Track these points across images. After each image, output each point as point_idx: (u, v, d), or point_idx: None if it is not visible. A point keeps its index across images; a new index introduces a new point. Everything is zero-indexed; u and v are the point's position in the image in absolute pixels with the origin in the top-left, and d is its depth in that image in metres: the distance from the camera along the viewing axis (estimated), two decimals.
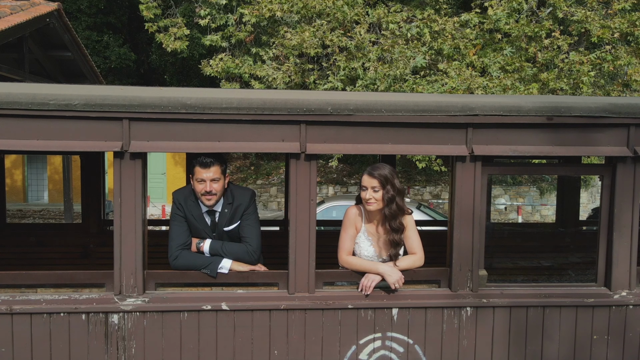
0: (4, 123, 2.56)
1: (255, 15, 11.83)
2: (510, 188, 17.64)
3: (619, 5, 11.10)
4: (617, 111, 2.79)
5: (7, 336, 2.64)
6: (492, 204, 17.14)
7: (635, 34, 11.28)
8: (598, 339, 2.89)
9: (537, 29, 11.28)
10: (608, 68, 11.32)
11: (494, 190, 17.51)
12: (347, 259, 2.89)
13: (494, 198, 17.35)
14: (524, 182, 17.98)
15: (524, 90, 11.21)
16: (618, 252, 2.86)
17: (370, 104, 2.73)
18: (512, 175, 17.33)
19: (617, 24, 11.11)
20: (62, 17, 10.81)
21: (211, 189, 2.80)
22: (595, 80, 11.93)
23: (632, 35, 11.40)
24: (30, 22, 9.37)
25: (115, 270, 2.70)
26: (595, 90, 11.90)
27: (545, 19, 11.47)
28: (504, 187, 17.72)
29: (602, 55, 11.34)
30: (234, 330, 2.76)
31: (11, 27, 8.65)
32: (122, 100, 2.62)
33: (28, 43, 10.21)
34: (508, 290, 2.88)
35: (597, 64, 11.41)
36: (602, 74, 11.61)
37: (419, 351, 2.84)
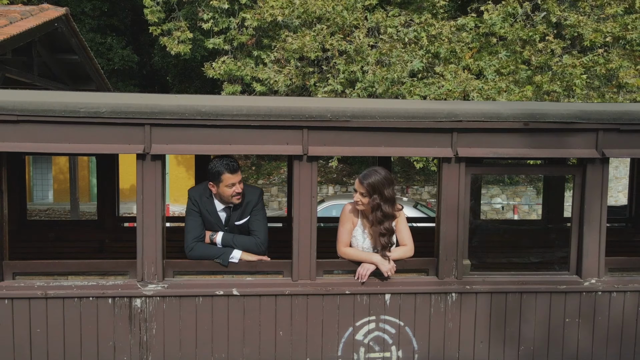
0: (41, 128, 2.88)
1: (257, 19, 12.15)
2: (507, 188, 17.93)
3: (612, 10, 11.42)
4: (587, 117, 3.12)
5: (42, 318, 2.97)
6: (489, 203, 17.47)
7: (627, 37, 11.60)
8: (570, 322, 3.22)
9: (532, 32, 11.60)
10: (600, 71, 11.64)
11: (492, 190, 17.83)
12: (345, 250, 3.22)
13: (490, 197, 17.67)
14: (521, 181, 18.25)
15: (519, 92, 11.53)
16: (588, 244, 3.19)
17: (365, 111, 3.06)
18: (510, 176, 17.64)
19: (609, 27, 11.42)
20: (70, 22, 11.13)
21: (240, 190, 3.14)
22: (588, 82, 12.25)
23: (624, 38, 11.72)
24: (40, 27, 9.69)
25: (138, 259, 3.02)
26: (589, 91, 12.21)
27: (539, 22, 11.78)
28: (502, 187, 18.00)
29: (595, 59, 11.65)
30: (243, 313, 3.09)
31: (22, 32, 8.97)
32: (144, 108, 2.95)
33: (37, 47, 10.53)
34: (489, 278, 3.21)
35: (590, 67, 11.73)
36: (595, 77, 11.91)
37: (409, 332, 3.17)
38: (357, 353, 3.16)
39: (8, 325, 2.95)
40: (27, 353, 2.98)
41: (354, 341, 3.15)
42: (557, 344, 3.23)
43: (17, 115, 2.85)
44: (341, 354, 3.15)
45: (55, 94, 3.19)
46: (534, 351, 3.22)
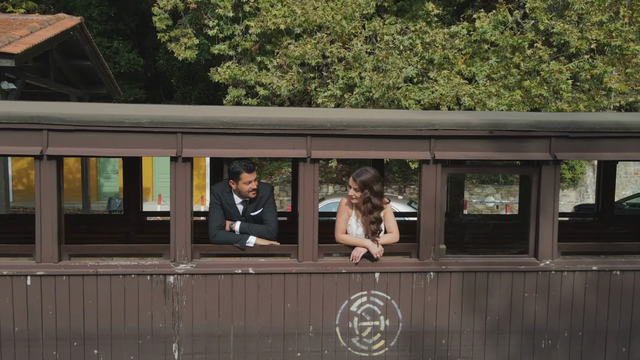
0: (93, 136, 3.54)
1: (260, 27, 12.80)
2: (501, 187, 18.57)
3: (596, 18, 12.06)
4: (541, 126, 3.77)
5: (93, 291, 3.62)
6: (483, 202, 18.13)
7: (611, 44, 12.25)
8: (528, 296, 3.87)
9: (521, 39, 12.25)
10: (585, 76, 12.30)
11: (487, 189, 18.50)
12: (342, 237, 3.87)
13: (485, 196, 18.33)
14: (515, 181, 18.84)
15: (509, 96, 12.19)
16: (543, 231, 3.84)
17: (359, 121, 3.71)
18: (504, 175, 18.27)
19: (594, 35, 12.07)
20: (84, 30, 11.80)
21: (255, 187, 3.80)
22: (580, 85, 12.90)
23: (608, 45, 12.36)
24: (58, 36, 10.35)
25: (171, 244, 3.67)
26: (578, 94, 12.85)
27: (528, 30, 12.43)
28: (496, 187, 18.64)
29: (581, 65, 12.31)
30: (257, 288, 3.74)
31: (42, 41, 9.62)
32: (176, 119, 3.60)
33: (53, 54, 11.19)
34: (461, 260, 3.86)
35: (576, 73, 12.39)
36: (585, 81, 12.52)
37: (394, 304, 3.82)
38: (351, 322, 3.81)
39: (65, 297, 3.61)
40: (81, 320, 3.63)
41: (349, 312, 3.80)
42: (518, 315, 3.88)
43: (75, 126, 3.51)
44: (338, 322, 3.81)
45: (104, 107, 3.83)
46: (499, 321, 3.87)
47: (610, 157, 3.91)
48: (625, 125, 3.80)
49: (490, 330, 3.88)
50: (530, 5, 12.02)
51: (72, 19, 11.44)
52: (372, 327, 3.83)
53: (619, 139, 3.83)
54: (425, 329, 3.84)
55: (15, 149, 3.55)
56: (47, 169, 3.53)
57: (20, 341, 3.60)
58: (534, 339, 3.90)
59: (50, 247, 3.58)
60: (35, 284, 3.58)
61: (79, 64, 12.50)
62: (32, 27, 10.08)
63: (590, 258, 3.93)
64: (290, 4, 12.03)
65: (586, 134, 3.80)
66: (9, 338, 3.60)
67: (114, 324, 3.66)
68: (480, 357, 3.90)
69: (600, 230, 5.71)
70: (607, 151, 3.85)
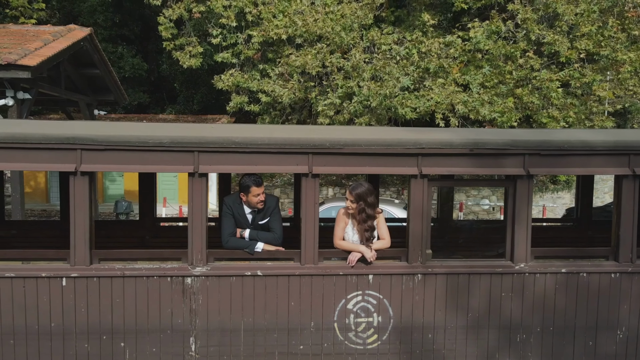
0: (121, 154, 4.03)
1: (262, 36, 13.30)
2: (497, 190, 19.04)
3: (586, 29, 12.55)
4: (516, 145, 4.26)
5: (120, 291, 4.11)
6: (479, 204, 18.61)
7: (600, 53, 12.74)
8: (505, 295, 4.36)
9: (513, 49, 12.75)
10: (575, 84, 12.79)
11: (482, 191, 18.98)
12: (339, 243, 4.36)
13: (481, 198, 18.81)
14: None
15: (502, 103, 12.69)
16: (518, 237, 4.33)
17: (354, 140, 4.20)
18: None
19: (583, 45, 12.57)
20: (93, 40, 12.29)
21: (263, 199, 4.29)
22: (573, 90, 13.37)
23: (597, 54, 12.86)
24: (69, 47, 10.83)
25: (188, 249, 4.16)
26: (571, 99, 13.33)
27: (520, 40, 12.92)
28: (492, 189, 19.12)
29: (571, 73, 12.81)
30: (265, 288, 4.23)
31: (56, 53, 10.11)
32: (193, 139, 4.09)
33: (64, 63, 11.67)
34: (445, 263, 4.35)
35: (566, 81, 12.88)
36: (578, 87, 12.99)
37: (386, 303, 4.31)
38: (348, 318, 4.30)
39: (96, 296, 4.09)
40: (109, 317, 4.12)
41: (345, 309, 4.29)
42: (496, 312, 4.36)
43: (105, 145, 4.00)
44: (336, 319, 4.29)
45: (130, 128, 4.31)
46: (479, 317, 4.36)
47: (577, 172, 4.40)
48: (590, 144, 4.30)
49: (471, 326, 4.37)
50: (522, 16, 12.52)
51: (82, 29, 11.93)
52: (366, 323, 4.31)
53: (584, 156, 4.32)
54: (414, 324, 4.33)
55: (53, 166, 4.05)
56: (81, 183, 4.02)
57: (57, 335, 4.09)
58: (510, 333, 4.38)
59: (83, 252, 4.07)
60: (70, 284, 4.07)
61: (88, 72, 12.97)
62: (46, 39, 10.57)
63: (560, 262, 4.42)
64: (292, 15, 12.53)
65: (556, 151, 4.29)
66: (47, 332, 4.09)
67: (138, 320, 4.15)
68: (463, 350, 4.39)
69: (578, 234, 6.20)
70: (575, 167, 4.34)
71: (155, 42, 23.85)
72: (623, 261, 4.39)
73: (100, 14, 21.50)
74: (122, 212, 15.75)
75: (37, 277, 4.05)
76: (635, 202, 4.35)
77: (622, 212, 4.36)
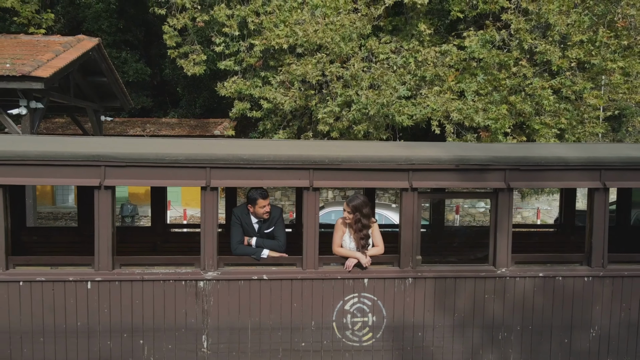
0: (140, 170, 4.47)
1: (264, 44, 13.73)
2: None
3: (577, 38, 12.98)
4: (498, 161, 4.70)
5: (140, 293, 4.55)
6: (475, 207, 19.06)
7: (591, 62, 13.18)
8: (488, 297, 4.80)
9: (506, 57, 13.18)
10: (566, 92, 13.22)
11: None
12: (337, 250, 4.80)
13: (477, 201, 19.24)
14: None
15: (496, 110, 13.12)
16: (500, 245, 4.77)
17: (351, 157, 4.64)
18: None
19: (574, 54, 13.00)
20: (101, 49, 12.74)
21: (268, 210, 4.74)
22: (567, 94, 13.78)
23: (588, 63, 13.29)
24: (79, 57, 11.28)
25: (201, 255, 4.60)
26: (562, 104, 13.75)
27: (514, 48, 13.35)
28: None
29: (562, 81, 13.24)
30: (270, 291, 4.67)
31: (67, 64, 10.55)
32: (206, 157, 4.53)
33: (73, 72, 12.10)
34: (434, 268, 4.79)
35: (558, 89, 13.31)
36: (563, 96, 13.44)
37: (380, 304, 4.75)
38: (345, 318, 4.74)
39: (117, 298, 4.54)
40: (130, 317, 4.56)
41: (343, 310, 4.73)
42: (480, 313, 4.80)
43: (126, 162, 4.44)
44: (335, 318, 4.73)
45: (149, 146, 4.74)
46: (464, 317, 4.80)
47: (553, 186, 4.84)
48: (565, 159, 4.74)
49: (457, 325, 4.81)
50: (515, 26, 12.95)
51: (91, 40, 12.37)
52: (362, 322, 4.75)
53: (560, 170, 4.76)
54: (405, 323, 4.77)
55: (79, 181, 4.49)
56: (104, 197, 4.46)
57: (82, 333, 4.53)
58: (493, 332, 4.83)
59: (106, 258, 4.51)
60: (94, 287, 4.51)
61: (96, 80, 13.43)
62: (57, 50, 11.01)
63: (538, 266, 4.86)
64: (292, 24, 12.96)
65: (534, 167, 4.74)
66: (73, 331, 4.53)
67: (155, 319, 4.59)
68: (450, 347, 4.83)
69: (561, 239, 6.64)
70: (551, 180, 4.79)
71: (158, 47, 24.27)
72: (595, 266, 4.83)
73: (105, 20, 21.93)
74: (127, 215, 16.22)
75: (64, 281, 4.49)
76: (606, 213, 4.79)
77: (594, 222, 4.81)
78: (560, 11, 12.95)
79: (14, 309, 4.47)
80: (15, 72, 9.55)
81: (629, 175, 4.83)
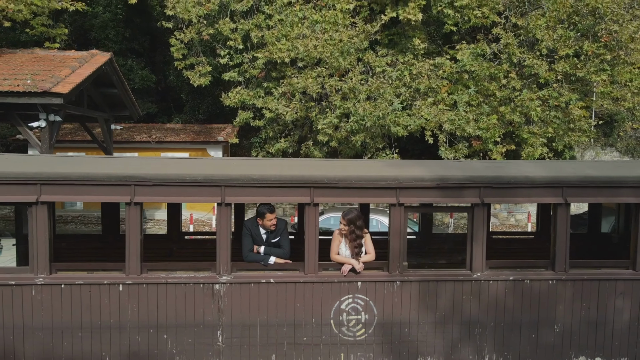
0: (165, 189, 5.19)
1: (266, 57, 14.46)
2: None
3: (564, 52, 13.71)
4: (473, 180, 5.43)
5: (164, 294, 5.28)
6: None
7: (577, 74, 13.91)
8: (465, 298, 5.53)
9: (497, 70, 13.91)
10: (553, 103, 13.95)
11: None
12: (335, 257, 5.53)
13: None
14: None
15: (486, 120, 13.86)
16: (476, 251, 5.50)
17: (346, 177, 5.36)
18: None
19: (561, 67, 13.74)
20: (113, 63, 13.46)
21: (275, 222, 5.47)
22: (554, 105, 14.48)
23: (574, 75, 14.02)
24: (94, 72, 12.01)
25: (217, 262, 5.33)
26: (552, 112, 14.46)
27: (504, 62, 14.09)
28: None
29: (550, 93, 13.97)
30: (276, 293, 5.39)
31: (83, 80, 11.29)
32: (221, 177, 5.26)
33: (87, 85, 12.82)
34: (418, 272, 5.52)
35: (545, 100, 14.05)
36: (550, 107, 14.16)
37: (372, 304, 5.47)
38: (341, 316, 5.47)
39: (145, 299, 5.26)
40: (155, 315, 5.29)
41: (340, 309, 5.46)
42: (458, 311, 5.53)
43: (153, 182, 5.17)
44: (332, 316, 5.46)
45: (173, 167, 5.45)
46: (445, 315, 5.53)
47: (522, 201, 5.57)
48: (532, 178, 5.47)
49: (439, 322, 5.54)
50: (505, 41, 13.69)
51: (103, 54, 13.11)
52: (356, 319, 5.48)
53: (528, 188, 5.49)
54: (393, 321, 5.50)
55: (112, 198, 5.22)
56: (134, 212, 5.20)
57: (115, 329, 5.27)
58: (469, 328, 5.55)
59: (135, 264, 5.24)
60: (125, 289, 5.24)
61: (107, 91, 14.15)
62: (72, 65, 11.74)
63: (508, 270, 5.59)
64: (293, 38, 13.71)
65: (505, 185, 5.47)
66: (107, 327, 5.26)
67: (178, 317, 5.32)
68: (432, 341, 5.56)
69: (537, 246, 7.37)
70: (520, 197, 5.52)
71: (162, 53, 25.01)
72: (558, 271, 5.57)
73: (112, 29, 22.65)
74: None
75: (100, 284, 5.22)
76: (567, 224, 5.52)
77: (557, 233, 5.53)
78: (547, 26, 13.68)
79: (56, 308, 5.20)
80: (36, 88, 10.28)
81: (588, 192, 5.56)
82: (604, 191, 5.56)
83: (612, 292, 5.58)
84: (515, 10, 14.41)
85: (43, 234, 5.15)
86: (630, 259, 5.68)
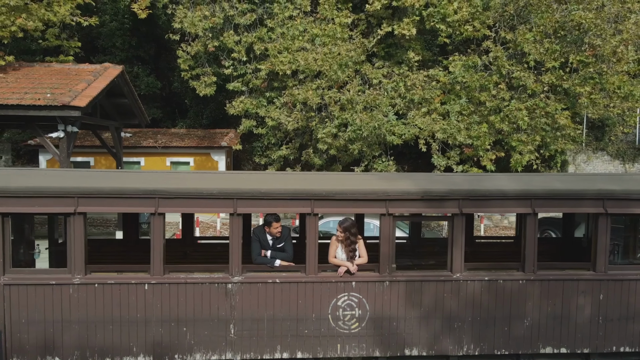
0: (185, 201, 5.99)
1: (268, 68, 15.27)
2: None
3: (550, 64, 14.50)
4: (453, 193, 6.22)
5: (184, 292, 6.07)
6: None
7: (563, 85, 14.70)
8: (447, 296, 6.32)
9: (487, 81, 14.71)
10: (540, 113, 14.74)
11: None
12: (332, 260, 6.33)
13: None
14: None
15: (477, 128, 14.64)
16: (455, 254, 6.29)
17: (343, 190, 6.16)
18: None
19: (547, 79, 14.53)
20: (124, 75, 14.26)
21: (280, 229, 6.27)
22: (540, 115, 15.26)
23: (560, 86, 14.82)
24: (108, 85, 12.80)
25: (229, 264, 6.12)
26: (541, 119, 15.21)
27: (494, 73, 14.88)
28: None
29: (537, 103, 14.76)
30: (281, 292, 6.19)
31: (98, 93, 12.08)
32: (233, 190, 6.05)
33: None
34: (405, 273, 6.32)
35: (533, 110, 14.83)
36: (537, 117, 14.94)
37: (365, 301, 6.27)
38: (338, 311, 6.26)
39: (167, 296, 6.06)
40: (176, 310, 6.08)
41: (336, 305, 6.25)
42: (440, 308, 6.33)
43: (174, 195, 5.97)
44: (330, 312, 6.25)
45: (192, 181, 6.24)
46: (429, 311, 6.32)
47: (496, 212, 6.38)
48: (504, 191, 6.27)
49: (423, 317, 6.33)
50: (494, 54, 14.49)
51: (115, 67, 13.91)
52: (350, 314, 6.28)
53: (501, 200, 6.29)
54: (383, 315, 6.29)
55: (139, 209, 6.03)
56: (158, 221, 5.99)
57: (141, 323, 6.06)
58: (450, 322, 6.35)
59: (159, 266, 6.04)
60: (150, 288, 6.04)
61: (118, 101, 14.95)
62: (88, 79, 12.55)
63: (484, 272, 6.39)
64: (294, 51, 14.51)
65: (481, 197, 6.26)
66: (134, 321, 6.05)
67: (195, 312, 6.11)
68: (417, 333, 6.35)
69: (516, 250, 8.15)
70: (494, 208, 6.32)
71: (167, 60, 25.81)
72: (528, 272, 6.36)
73: (119, 37, 23.45)
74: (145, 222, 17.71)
75: (128, 284, 6.02)
76: (535, 231, 6.32)
77: (527, 239, 6.33)
78: (535, 40, 14.48)
79: (90, 305, 5.99)
80: (56, 102, 11.09)
81: (553, 203, 6.36)
82: (568, 202, 6.36)
83: (575, 291, 6.38)
84: (505, 24, 15.21)
85: (79, 240, 5.94)
86: (591, 262, 6.48)
